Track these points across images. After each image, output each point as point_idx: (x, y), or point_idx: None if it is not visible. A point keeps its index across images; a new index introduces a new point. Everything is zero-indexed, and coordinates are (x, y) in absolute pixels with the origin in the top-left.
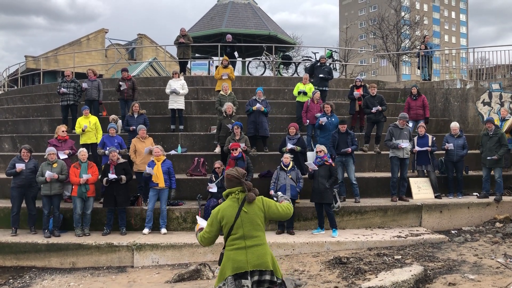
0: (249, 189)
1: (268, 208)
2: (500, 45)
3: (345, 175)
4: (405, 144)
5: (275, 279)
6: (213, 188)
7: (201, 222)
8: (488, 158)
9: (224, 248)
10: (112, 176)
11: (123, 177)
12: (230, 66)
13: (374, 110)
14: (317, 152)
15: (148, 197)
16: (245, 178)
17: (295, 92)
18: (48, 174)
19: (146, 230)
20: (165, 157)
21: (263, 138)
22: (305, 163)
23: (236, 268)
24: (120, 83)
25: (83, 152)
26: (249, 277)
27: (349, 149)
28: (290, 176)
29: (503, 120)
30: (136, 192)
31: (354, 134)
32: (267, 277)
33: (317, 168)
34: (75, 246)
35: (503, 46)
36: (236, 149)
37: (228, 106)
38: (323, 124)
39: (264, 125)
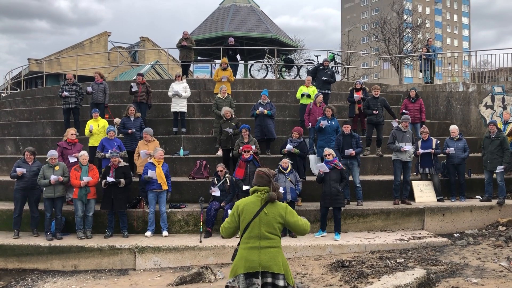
0: (274, 189)
1: (289, 216)
2: (503, 48)
3: (350, 178)
4: (408, 147)
5: (286, 285)
6: (216, 192)
7: None
8: (498, 171)
9: (239, 244)
10: (110, 179)
11: (122, 180)
12: (229, 68)
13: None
14: (325, 155)
15: (148, 200)
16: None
17: (298, 95)
18: (53, 178)
19: (148, 233)
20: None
21: (268, 140)
22: (317, 165)
23: (248, 268)
24: (132, 84)
25: (84, 156)
26: (260, 277)
27: (353, 151)
28: (289, 179)
29: (506, 123)
30: (139, 194)
31: (359, 137)
32: (281, 283)
33: (329, 170)
34: (77, 249)
35: (505, 49)
36: (248, 151)
37: (226, 111)
38: (323, 127)
39: (270, 127)
